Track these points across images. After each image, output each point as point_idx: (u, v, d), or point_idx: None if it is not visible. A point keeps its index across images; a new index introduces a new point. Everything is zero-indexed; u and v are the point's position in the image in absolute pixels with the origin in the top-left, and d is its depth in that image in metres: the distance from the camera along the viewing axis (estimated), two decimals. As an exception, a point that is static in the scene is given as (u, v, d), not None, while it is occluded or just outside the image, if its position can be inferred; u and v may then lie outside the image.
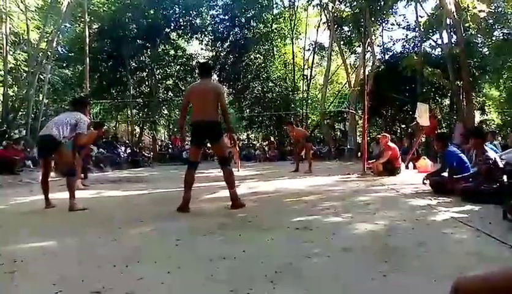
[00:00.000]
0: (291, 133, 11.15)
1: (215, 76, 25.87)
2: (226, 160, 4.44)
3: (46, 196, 4.66)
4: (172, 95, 23.24)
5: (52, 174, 5.50)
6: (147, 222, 3.61)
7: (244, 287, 1.89)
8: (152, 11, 20.47)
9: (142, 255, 2.52)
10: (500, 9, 16.92)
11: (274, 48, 23.76)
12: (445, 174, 5.19)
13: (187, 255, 2.51)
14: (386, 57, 22.44)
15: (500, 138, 14.46)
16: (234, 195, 4.26)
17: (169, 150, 21.46)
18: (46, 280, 2.08)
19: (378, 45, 22.48)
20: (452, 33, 17.44)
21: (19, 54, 15.94)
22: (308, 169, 9.60)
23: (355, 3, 19.39)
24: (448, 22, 16.71)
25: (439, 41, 19.43)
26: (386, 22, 22.08)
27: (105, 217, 4.00)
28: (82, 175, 9.39)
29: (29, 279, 2.13)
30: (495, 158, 4.39)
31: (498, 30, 18.00)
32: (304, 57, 24.14)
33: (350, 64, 22.73)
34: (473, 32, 18.20)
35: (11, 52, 15.50)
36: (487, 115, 22.34)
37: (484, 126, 17.65)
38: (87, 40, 15.91)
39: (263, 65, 23.31)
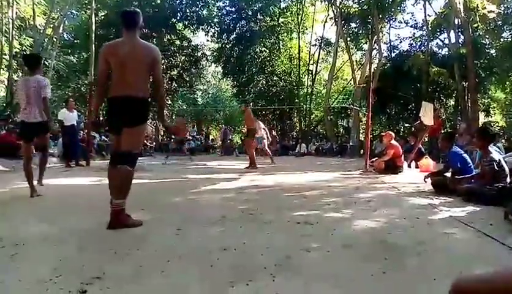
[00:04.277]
0: (245, 117, 10.05)
1: (219, 69, 25.87)
2: (133, 157, 3.02)
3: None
4: (176, 85, 23.23)
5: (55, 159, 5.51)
6: (148, 210, 3.61)
7: (243, 279, 1.90)
8: (158, 1, 20.39)
9: (142, 243, 2.53)
10: (510, 10, 16.75)
11: (280, 41, 23.67)
12: (448, 174, 5.18)
13: (187, 245, 2.52)
14: (393, 55, 22.32)
15: (503, 140, 14.42)
16: (118, 207, 2.91)
17: (172, 140, 21.48)
18: (46, 264, 2.09)
19: (384, 43, 22.37)
20: (459, 33, 17.33)
21: (24, 39, 15.93)
22: (251, 166, 9.19)
23: (363, -1, 19.25)
24: (456, 22, 16.59)
25: (446, 41, 19.35)
26: (393, 19, 21.95)
27: (106, 204, 4.00)
28: (85, 162, 9.50)
29: (29, 263, 2.14)
30: (499, 160, 4.37)
31: (507, 31, 17.84)
32: (309, 52, 24.02)
33: (356, 60, 22.61)
34: (481, 33, 18.05)
35: (17, 37, 15.49)
36: (491, 117, 22.22)
37: (488, 127, 17.58)
38: (94, 27, 15.88)
39: (268, 58, 23.24)
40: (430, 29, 19.48)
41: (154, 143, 20.14)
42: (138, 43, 3.11)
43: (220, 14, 22.94)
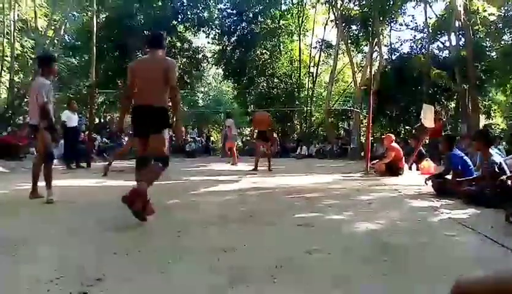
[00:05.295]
0: (260, 120, 9.56)
1: (220, 71, 25.86)
2: (164, 159, 3.41)
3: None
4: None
5: (56, 161, 5.49)
6: (149, 212, 3.61)
7: (244, 280, 1.89)
8: (160, 3, 20.42)
9: (142, 245, 2.53)
10: (511, 13, 16.76)
11: (281, 44, 23.65)
12: (449, 176, 5.17)
13: (187, 246, 2.51)
14: (393, 57, 22.31)
15: (504, 143, 14.39)
16: (142, 191, 3.03)
17: (172, 142, 21.46)
18: (47, 265, 2.09)
19: (385, 45, 22.34)
20: (460, 35, 17.33)
21: (26, 41, 15.96)
22: (269, 169, 8.83)
23: (364, 2, 19.28)
24: (457, 24, 16.60)
25: (447, 44, 19.32)
26: (394, 22, 21.94)
27: (106, 206, 4.01)
28: (86, 164, 9.51)
29: (30, 263, 2.14)
30: (500, 162, 4.36)
31: (508, 34, 17.84)
32: (310, 55, 24.01)
33: (357, 63, 22.60)
34: (481, 35, 18.05)
35: (18, 39, 15.53)
36: (492, 119, 22.20)
37: (488, 130, 17.55)
38: (95, 29, 15.96)
39: (268, 61, 23.23)
40: (430, 31, 19.49)
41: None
42: (158, 58, 3.55)
43: (221, 16, 22.95)
